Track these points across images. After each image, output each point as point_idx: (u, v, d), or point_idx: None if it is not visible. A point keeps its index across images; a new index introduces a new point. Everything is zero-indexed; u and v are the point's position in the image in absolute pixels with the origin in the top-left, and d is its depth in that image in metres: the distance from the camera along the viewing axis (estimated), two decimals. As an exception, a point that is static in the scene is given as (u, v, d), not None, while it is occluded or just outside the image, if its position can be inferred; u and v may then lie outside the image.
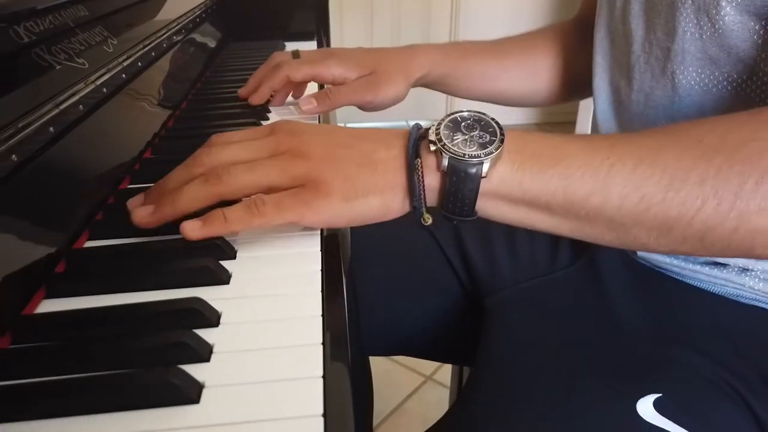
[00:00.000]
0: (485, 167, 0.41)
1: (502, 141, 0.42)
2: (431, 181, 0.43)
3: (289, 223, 0.42)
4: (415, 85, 0.78)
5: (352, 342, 0.36)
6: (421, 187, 0.43)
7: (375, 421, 1.47)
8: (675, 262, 0.59)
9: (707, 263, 0.57)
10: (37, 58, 0.49)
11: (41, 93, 0.48)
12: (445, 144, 0.42)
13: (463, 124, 0.44)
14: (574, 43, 0.80)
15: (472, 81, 0.80)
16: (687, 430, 0.49)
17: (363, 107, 0.75)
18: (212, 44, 1.08)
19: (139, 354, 0.33)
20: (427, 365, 1.64)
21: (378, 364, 1.65)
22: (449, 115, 0.45)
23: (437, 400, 1.54)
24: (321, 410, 0.30)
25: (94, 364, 0.33)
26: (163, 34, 0.82)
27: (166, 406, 0.31)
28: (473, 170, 0.41)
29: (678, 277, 0.60)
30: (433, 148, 0.42)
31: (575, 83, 0.81)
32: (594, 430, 0.50)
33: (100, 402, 0.31)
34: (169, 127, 0.72)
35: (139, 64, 0.70)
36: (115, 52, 0.63)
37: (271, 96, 0.78)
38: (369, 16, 2.78)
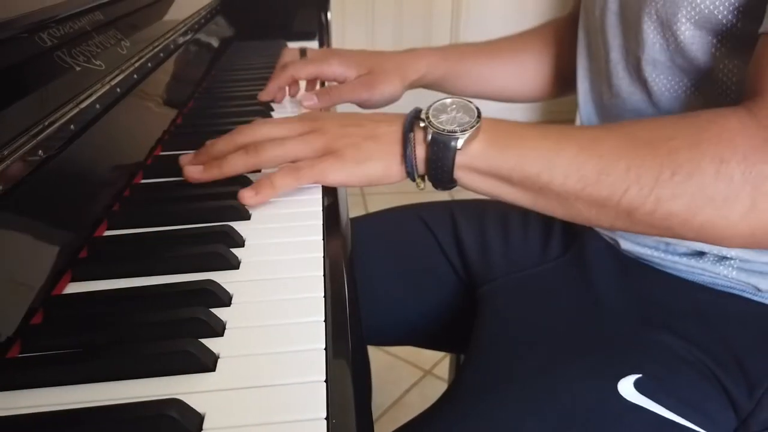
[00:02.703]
0: (460, 142, 0.50)
1: (477, 123, 0.50)
2: (420, 151, 0.52)
3: (316, 181, 0.53)
4: (412, 86, 0.82)
5: (352, 321, 0.40)
6: (413, 156, 0.51)
7: (375, 414, 1.49)
8: (656, 253, 0.62)
9: (686, 254, 0.61)
10: (59, 60, 0.52)
11: (63, 93, 0.51)
12: (431, 122, 0.51)
13: (449, 107, 0.52)
14: (565, 41, 0.83)
15: (467, 82, 0.85)
16: (664, 407, 0.53)
17: (360, 105, 0.79)
18: (216, 45, 1.11)
19: (160, 328, 0.37)
20: (427, 360, 1.67)
21: (378, 358, 1.68)
22: (438, 100, 0.53)
23: (436, 394, 1.55)
24: (324, 376, 0.34)
25: (119, 336, 0.36)
26: (171, 36, 0.85)
27: (186, 373, 0.34)
28: (451, 143, 0.50)
29: (659, 267, 0.63)
30: (422, 125, 0.51)
31: (565, 81, 0.85)
32: (578, 409, 0.53)
33: (125, 369, 0.34)
34: (177, 125, 0.76)
35: (149, 65, 0.74)
36: (128, 54, 0.67)
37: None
38: (371, 17, 2.81)
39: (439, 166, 0.51)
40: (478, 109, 0.52)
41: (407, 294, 0.80)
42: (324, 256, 0.46)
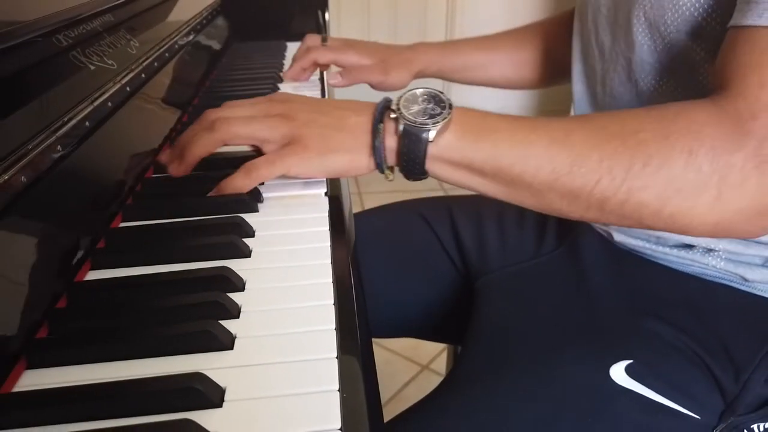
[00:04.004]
0: (432, 134, 0.50)
1: (449, 114, 0.50)
2: (390, 143, 0.52)
3: (280, 174, 0.53)
4: (418, 77, 0.92)
5: (359, 305, 0.42)
6: (382, 148, 0.51)
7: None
8: (648, 245, 0.65)
9: (676, 246, 0.63)
10: (75, 60, 0.55)
11: (79, 91, 0.54)
12: (402, 113, 0.51)
13: (420, 98, 0.52)
14: (560, 36, 0.88)
15: (465, 72, 0.93)
16: (654, 390, 0.55)
17: (374, 86, 0.90)
18: (218, 45, 1.13)
19: (180, 310, 0.39)
20: (424, 355, 1.70)
21: (376, 353, 1.69)
22: (410, 90, 0.53)
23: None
24: (335, 353, 0.36)
25: (142, 318, 0.39)
26: (175, 37, 0.88)
27: (206, 351, 0.37)
28: (423, 135, 0.50)
29: (651, 259, 0.66)
30: (393, 116, 0.51)
31: (558, 72, 0.91)
32: (571, 394, 0.56)
33: (150, 348, 0.37)
34: (184, 122, 0.78)
35: (155, 64, 0.76)
36: (137, 53, 0.69)
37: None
38: (366, 14, 2.83)
39: (411, 158, 0.51)
40: (448, 99, 0.52)
41: (406, 287, 0.82)
42: (331, 246, 0.49)
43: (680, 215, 0.47)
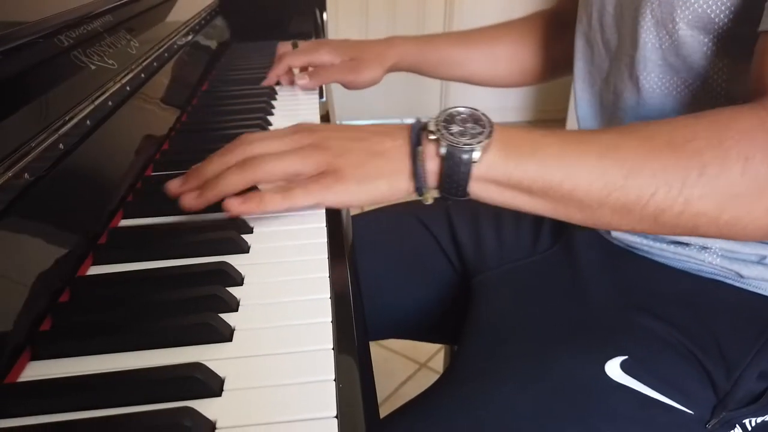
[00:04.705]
0: (476, 154, 0.48)
1: (491, 133, 0.49)
2: (431, 165, 0.49)
3: (314, 204, 0.50)
4: (390, 70, 0.92)
5: (354, 298, 0.43)
6: (423, 171, 0.49)
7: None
8: (644, 241, 0.66)
9: (672, 242, 0.64)
10: (76, 60, 0.56)
11: (81, 90, 0.55)
12: (443, 134, 0.49)
13: (458, 117, 0.50)
14: (541, 35, 0.90)
15: (441, 67, 0.94)
16: (648, 386, 0.56)
17: (346, 85, 0.90)
18: (216, 45, 1.14)
19: (180, 303, 0.40)
20: (422, 353, 1.71)
21: (374, 352, 1.70)
22: (446, 110, 0.52)
23: (431, 387, 1.59)
24: (331, 344, 0.37)
25: (143, 310, 0.40)
26: (174, 37, 0.89)
27: (206, 343, 0.38)
28: (466, 156, 0.48)
29: (647, 255, 0.66)
30: (432, 137, 0.49)
31: (534, 71, 0.92)
32: (566, 389, 0.56)
33: (151, 340, 0.38)
34: (183, 122, 0.79)
35: (155, 64, 0.77)
36: (137, 53, 0.70)
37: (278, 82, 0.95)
38: (364, 15, 2.84)
39: (454, 180, 0.49)
40: (488, 118, 0.51)
41: (403, 287, 0.83)
42: (328, 242, 0.50)
43: (737, 221, 0.47)
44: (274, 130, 0.54)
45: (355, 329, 0.39)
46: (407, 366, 1.68)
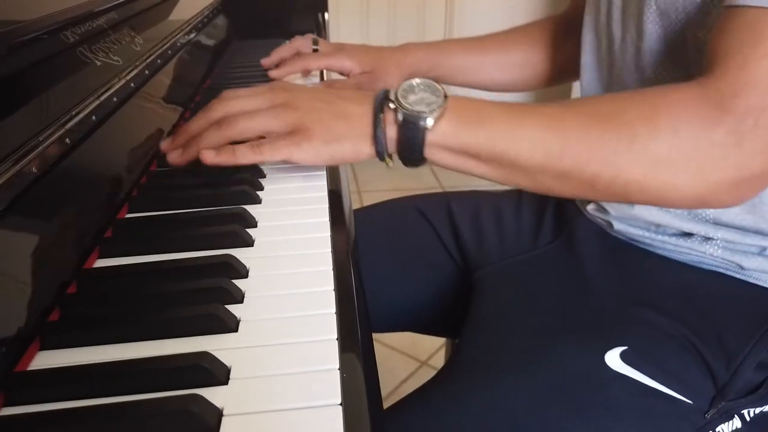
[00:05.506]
0: (429, 122, 0.52)
1: (444, 102, 0.53)
2: (390, 131, 0.54)
3: (282, 159, 0.55)
4: (408, 78, 0.89)
5: (357, 291, 0.44)
6: (383, 137, 0.54)
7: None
8: (647, 234, 0.66)
9: (675, 234, 0.64)
10: (81, 56, 0.56)
11: (86, 85, 0.55)
12: (401, 103, 0.53)
13: (417, 88, 0.55)
14: (552, 39, 0.89)
15: (454, 74, 0.94)
16: (648, 376, 0.57)
17: None
18: (219, 43, 1.15)
19: (186, 295, 0.41)
20: (422, 351, 1.71)
21: (375, 349, 1.70)
22: (407, 81, 0.56)
23: (432, 384, 1.60)
24: (335, 334, 0.38)
25: (150, 302, 0.40)
26: (177, 35, 0.89)
27: (212, 333, 0.38)
28: (421, 123, 0.52)
29: (649, 248, 0.67)
30: (392, 106, 0.54)
31: (546, 76, 0.93)
32: (567, 379, 0.57)
33: (159, 330, 0.38)
34: (186, 119, 0.79)
35: (159, 61, 0.78)
36: (141, 50, 0.70)
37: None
38: (365, 14, 2.84)
39: (410, 146, 0.53)
40: (443, 88, 0.55)
41: (405, 282, 0.83)
42: (330, 236, 0.50)
43: (665, 190, 0.51)
44: (252, 87, 0.60)
45: (358, 320, 0.39)
46: (408, 364, 1.68)
